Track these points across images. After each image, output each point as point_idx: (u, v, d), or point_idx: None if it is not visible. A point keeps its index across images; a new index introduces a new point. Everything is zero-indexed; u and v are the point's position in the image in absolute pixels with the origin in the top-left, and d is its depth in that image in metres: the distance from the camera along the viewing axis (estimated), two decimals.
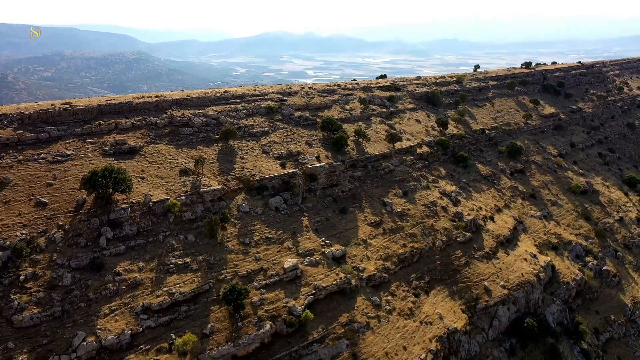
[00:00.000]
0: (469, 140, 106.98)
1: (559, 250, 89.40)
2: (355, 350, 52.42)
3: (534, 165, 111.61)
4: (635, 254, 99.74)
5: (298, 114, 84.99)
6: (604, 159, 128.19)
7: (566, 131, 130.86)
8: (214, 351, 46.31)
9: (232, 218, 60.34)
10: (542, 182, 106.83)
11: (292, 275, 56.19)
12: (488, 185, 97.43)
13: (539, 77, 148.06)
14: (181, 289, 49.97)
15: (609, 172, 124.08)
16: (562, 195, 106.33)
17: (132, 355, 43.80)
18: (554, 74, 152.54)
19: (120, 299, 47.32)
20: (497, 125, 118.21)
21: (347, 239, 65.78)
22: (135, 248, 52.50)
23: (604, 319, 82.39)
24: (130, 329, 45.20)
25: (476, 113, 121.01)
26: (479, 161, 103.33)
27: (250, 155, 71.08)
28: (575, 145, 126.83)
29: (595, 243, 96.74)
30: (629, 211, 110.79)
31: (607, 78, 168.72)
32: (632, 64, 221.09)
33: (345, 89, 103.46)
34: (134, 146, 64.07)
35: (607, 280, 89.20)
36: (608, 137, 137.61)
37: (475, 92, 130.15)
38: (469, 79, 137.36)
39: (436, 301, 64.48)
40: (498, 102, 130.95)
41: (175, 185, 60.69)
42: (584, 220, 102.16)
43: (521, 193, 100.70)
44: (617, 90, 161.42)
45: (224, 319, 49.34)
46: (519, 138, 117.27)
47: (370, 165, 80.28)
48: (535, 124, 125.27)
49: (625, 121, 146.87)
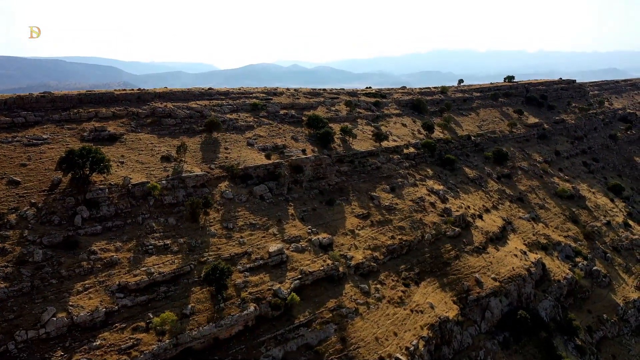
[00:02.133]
0: (455, 145, 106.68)
1: (549, 251, 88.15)
2: (343, 335, 49.94)
3: (520, 170, 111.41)
4: (625, 257, 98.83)
5: (283, 111, 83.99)
6: (589, 168, 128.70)
7: (550, 140, 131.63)
8: (194, 331, 43.61)
9: (215, 204, 58.26)
10: (528, 187, 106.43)
11: (277, 260, 53.94)
12: (475, 187, 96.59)
13: (521, 90, 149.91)
14: (160, 269, 47.47)
15: (594, 180, 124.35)
16: (549, 200, 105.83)
17: (106, 334, 40.94)
18: (537, 87, 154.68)
19: (95, 278, 44.64)
20: (483, 133, 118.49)
21: (334, 229, 63.88)
22: (113, 229, 50.05)
23: (596, 318, 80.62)
24: (105, 307, 42.46)
25: (461, 121, 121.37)
26: (466, 165, 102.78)
27: (235, 147, 69.48)
28: (560, 154, 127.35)
29: (584, 245, 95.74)
30: (616, 216, 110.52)
31: (588, 93, 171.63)
32: (610, 85, 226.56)
33: (331, 93, 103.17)
34: (114, 133, 62.17)
35: (597, 280, 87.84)
36: (591, 147, 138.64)
37: (459, 102, 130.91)
38: (453, 90, 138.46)
39: (427, 292, 62.40)
40: (482, 111, 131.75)
41: (156, 171, 58.65)
42: (572, 223, 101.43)
43: (509, 196, 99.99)
44: (598, 104, 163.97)
45: (206, 300, 46.77)
46: (504, 145, 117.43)
47: (357, 161, 79.08)
48: (520, 132, 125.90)
49: (608, 133, 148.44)
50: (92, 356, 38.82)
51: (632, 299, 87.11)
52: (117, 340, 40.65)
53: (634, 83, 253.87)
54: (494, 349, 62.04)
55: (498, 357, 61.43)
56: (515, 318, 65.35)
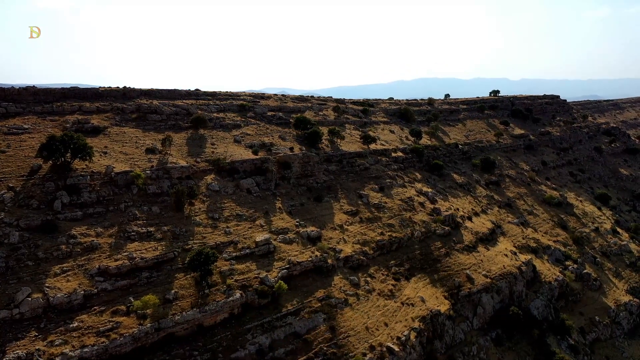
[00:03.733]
0: (443, 152, 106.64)
1: (539, 254, 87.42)
2: (333, 324, 48.31)
3: (508, 178, 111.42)
4: (614, 262, 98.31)
5: (271, 113, 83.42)
6: (575, 178, 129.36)
7: (537, 151, 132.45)
8: (178, 316, 41.78)
9: (201, 195, 56.91)
10: (517, 194, 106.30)
11: (264, 250, 52.47)
12: (464, 192, 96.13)
13: (507, 104, 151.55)
14: (143, 255, 45.76)
15: (581, 189, 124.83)
16: (538, 206, 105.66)
17: (84, 316, 39.02)
18: (522, 101, 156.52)
19: (73, 261, 42.83)
20: (470, 142, 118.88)
21: (323, 223, 62.65)
22: (94, 215, 48.40)
23: (588, 320, 79.47)
24: (83, 290, 40.61)
25: (448, 130, 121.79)
26: (454, 171, 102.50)
27: (221, 143, 68.48)
28: (547, 164, 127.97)
29: (573, 249, 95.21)
30: (604, 223, 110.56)
31: (572, 108, 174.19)
32: (592, 104, 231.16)
33: (319, 100, 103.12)
34: (98, 126, 60.95)
35: (588, 284, 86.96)
36: (577, 159, 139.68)
37: (446, 113, 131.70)
38: (440, 102, 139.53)
39: (417, 286, 61.05)
40: (469, 122, 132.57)
41: (141, 161, 57.34)
42: (561, 228, 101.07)
43: (497, 202, 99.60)
44: (582, 118, 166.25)
45: (190, 287, 45.06)
46: (491, 154, 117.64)
47: (345, 161, 78.38)
48: (507, 142, 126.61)
49: (592, 145, 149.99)
50: (69, 338, 36.87)
51: (624, 301, 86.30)
52: (96, 322, 38.75)
53: (616, 103, 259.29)
54: (487, 345, 60.56)
55: (491, 354, 59.91)
56: (507, 314, 64.16)
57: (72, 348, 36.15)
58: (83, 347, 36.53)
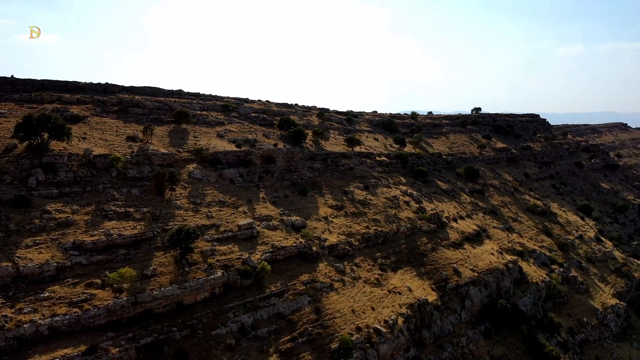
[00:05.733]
0: (427, 160, 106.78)
1: (525, 257, 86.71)
2: (318, 306, 46.70)
3: (492, 187, 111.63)
4: (599, 267, 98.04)
5: (255, 114, 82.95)
6: (558, 190, 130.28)
7: (519, 164, 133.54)
8: (156, 291, 39.91)
9: (183, 182, 55.53)
10: (501, 202, 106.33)
11: (247, 234, 51.01)
12: (449, 198, 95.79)
13: (489, 120, 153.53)
14: (121, 233, 44.03)
15: (563, 201, 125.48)
16: (522, 214, 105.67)
17: (56, 287, 37.04)
18: (503, 118, 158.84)
19: (47, 235, 41.02)
20: (453, 153, 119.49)
21: (307, 214, 61.46)
22: (70, 194, 46.75)
23: (577, 321, 78.49)
24: (56, 262, 38.69)
25: (432, 142, 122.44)
26: (438, 179, 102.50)
27: (204, 137, 67.52)
28: (530, 176, 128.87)
29: (558, 255, 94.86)
30: (588, 231, 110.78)
31: (551, 127, 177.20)
32: (571, 128, 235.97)
33: (303, 108, 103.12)
34: (78, 114, 59.71)
35: (575, 287, 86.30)
36: (559, 173, 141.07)
37: (429, 127, 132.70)
38: (423, 117, 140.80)
39: (404, 278, 59.69)
40: (452, 136, 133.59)
41: (121, 147, 56.01)
42: (546, 235, 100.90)
43: (482, 208, 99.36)
44: (561, 135, 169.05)
45: (169, 264, 43.34)
46: (475, 165, 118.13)
47: (330, 160, 77.74)
48: (490, 155, 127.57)
49: (573, 161, 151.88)
50: (38, 306, 34.85)
51: (611, 304, 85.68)
52: (68, 293, 36.82)
53: (594, 128, 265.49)
54: (476, 337, 59.06)
55: (480, 346, 58.38)
56: (495, 308, 62.85)
57: (42, 316, 34.14)
58: (54, 316, 34.53)
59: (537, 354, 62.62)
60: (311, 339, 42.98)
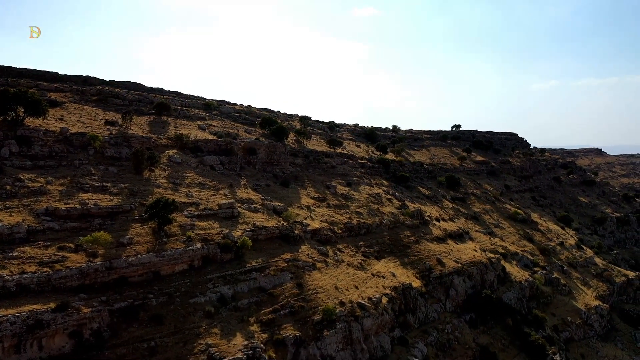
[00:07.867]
0: (409, 168, 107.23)
1: (507, 259, 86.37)
2: (300, 282, 45.35)
3: (473, 196, 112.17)
4: (581, 272, 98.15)
5: (237, 114, 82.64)
6: (538, 202, 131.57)
7: (499, 177, 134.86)
8: (132, 258, 38.37)
9: (163, 165, 54.44)
10: (482, 209, 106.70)
11: (228, 213, 49.83)
12: (431, 202, 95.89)
13: (468, 135, 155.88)
14: (97, 203, 42.61)
15: (544, 212, 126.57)
16: (504, 221, 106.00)
17: (27, 248, 35.37)
18: (482, 134, 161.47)
19: (18, 201, 39.45)
20: (435, 164, 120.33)
21: (289, 203, 60.57)
22: (45, 167, 45.36)
23: (561, 320, 77.85)
24: (27, 225, 37.10)
25: (413, 153, 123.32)
26: (420, 185, 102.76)
27: (185, 128, 66.74)
28: (510, 188, 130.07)
29: (540, 259, 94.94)
30: (568, 239, 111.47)
31: (530, 145, 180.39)
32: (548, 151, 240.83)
33: (285, 115, 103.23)
34: (56, 100, 58.62)
35: (558, 288, 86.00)
36: (538, 187, 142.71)
37: (411, 140, 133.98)
38: (404, 131, 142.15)
39: (388, 266, 58.76)
40: (433, 149, 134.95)
41: (100, 130, 54.89)
42: (527, 241, 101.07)
43: (464, 214, 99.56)
44: (539, 152, 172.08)
45: (147, 235, 41.88)
46: (456, 175, 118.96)
47: (312, 157, 77.41)
48: (471, 167, 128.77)
49: (552, 176, 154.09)
50: (7, 264, 33.13)
51: (594, 305, 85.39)
52: (39, 254, 35.17)
53: (570, 152, 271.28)
54: (461, 326, 57.94)
55: (466, 333, 57.24)
56: (480, 298, 62.09)
57: (9, 273, 32.38)
58: (22, 274, 32.78)
59: (522, 344, 61.70)
60: (293, 311, 41.56)
